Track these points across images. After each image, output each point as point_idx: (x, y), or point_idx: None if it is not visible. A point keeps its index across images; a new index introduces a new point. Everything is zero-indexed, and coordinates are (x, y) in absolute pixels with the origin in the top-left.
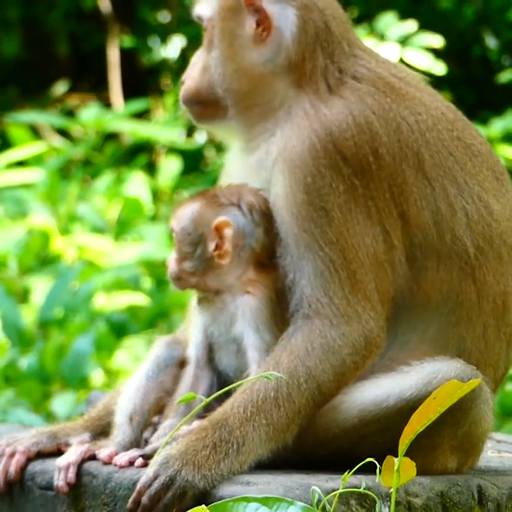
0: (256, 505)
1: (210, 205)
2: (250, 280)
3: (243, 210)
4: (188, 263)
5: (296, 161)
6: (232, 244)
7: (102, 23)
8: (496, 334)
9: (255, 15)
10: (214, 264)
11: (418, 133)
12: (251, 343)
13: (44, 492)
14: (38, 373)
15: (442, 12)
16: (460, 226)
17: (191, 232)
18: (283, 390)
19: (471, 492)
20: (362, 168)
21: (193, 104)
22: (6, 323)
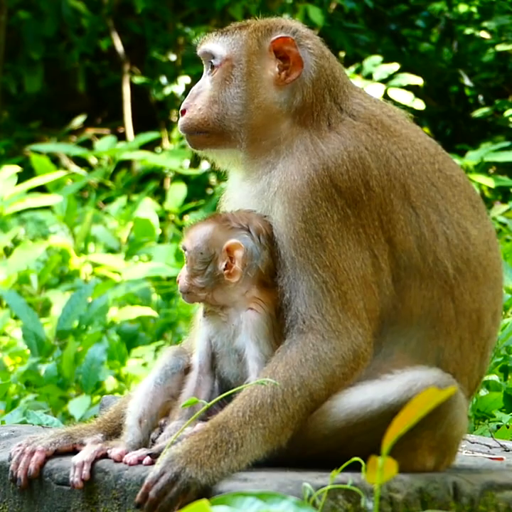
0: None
1: (222, 228)
2: (253, 297)
3: (252, 234)
4: (199, 279)
5: (296, 193)
6: (241, 265)
7: (117, 62)
8: (471, 347)
9: (278, 60)
10: (223, 281)
11: (405, 166)
12: (252, 354)
13: (61, 487)
14: (56, 379)
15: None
16: (441, 249)
17: (204, 252)
18: (278, 397)
19: (447, 488)
20: (354, 199)
21: (196, 133)
22: (27, 333)
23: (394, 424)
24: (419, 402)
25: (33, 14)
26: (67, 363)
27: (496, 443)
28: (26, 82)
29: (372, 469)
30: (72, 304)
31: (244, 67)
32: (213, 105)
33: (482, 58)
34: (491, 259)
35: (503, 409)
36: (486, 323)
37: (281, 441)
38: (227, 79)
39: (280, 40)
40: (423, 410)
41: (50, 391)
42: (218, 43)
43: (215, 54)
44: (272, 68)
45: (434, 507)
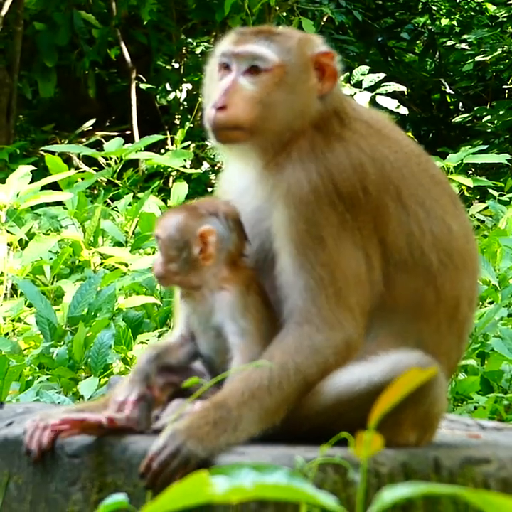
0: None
1: (193, 216)
2: (224, 278)
3: (220, 219)
4: (174, 265)
5: (302, 199)
6: (215, 249)
7: (124, 70)
8: (448, 329)
9: (317, 72)
10: (197, 264)
11: (397, 169)
12: (230, 330)
13: (71, 459)
14: (67, 362)
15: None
16: (428, 244)
17: (178, 239)
18: (275, 381)
19: (428, 462)
20: (353, 203)
21: (232, 129)
22: (41, 319)
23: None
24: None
25: (47, 25)
26: (77, 347)
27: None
28: (40, 88)
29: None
30: (82, 292)
31: (295, 76)
32: (257, 106)
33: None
34: (469, 251)
35: (480, 391)
36: (463, 308)
37: (275, 421)
38: (278, 84)
39: (322, 54)
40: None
41: (61, 373)
42: (270, 48)
43: (266, 58)
44: (313, 79)
45: (417, 479)
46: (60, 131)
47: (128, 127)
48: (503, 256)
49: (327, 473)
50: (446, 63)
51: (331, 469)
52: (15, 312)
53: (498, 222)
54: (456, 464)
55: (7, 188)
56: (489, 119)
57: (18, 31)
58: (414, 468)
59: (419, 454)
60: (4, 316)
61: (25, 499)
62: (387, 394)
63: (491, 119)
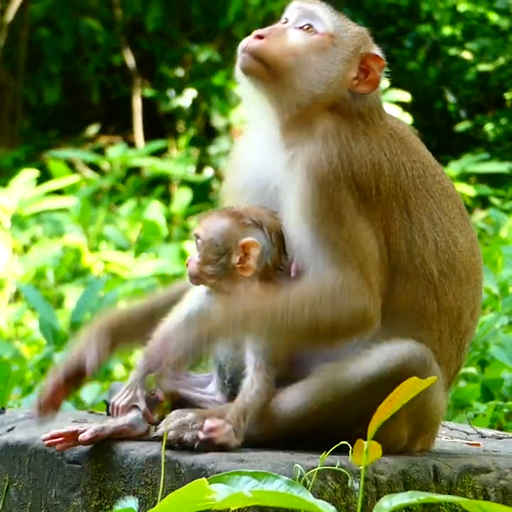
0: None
1: (238, 224)
2: (253, 292)
3: (265, 232)
4: (210, 267)
5: (323, 175)
6: (256, 262)
7: (128, 76)
8: (449, 339)
9: (358, 68)
10: (233, 272)
11: (411, 178)
12: (249, 346)
13: (71, 465)
14: None
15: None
16: (429, 254)
17: (219, 244)
18: (289, 310)
19: (427, 471)
20: (366, 196)
21: (259, 61)
22: (43, 324)
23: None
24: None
25: (52, 31)
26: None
27: (473, 430)
28: (45, 94)
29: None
30: (84, 297)
31: (339, 55)
32: (294, 57)
33: (465, 77)
34: (474, 264)
35: (480, 399)
36: (465, 319)
37: (277, 350)
38: (321, 50)
39: (374, 57)
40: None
41: None
42: (331, 18)
43: (324, 22)
44: (352, 72)
45: (416, 488)
46: (64, 136)
47: (131, 133)
48: (504, 264)
49: (327, 481)
50: (449, 72)
51: (330, 477)
52: (18, 317)
53: (499, 231)
54: (456, 472)
55: (11, 193)
56: (491, 128)
57: (23, 37)
58: (413, 477)
59: (419, 462)
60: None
61: (26, 505)
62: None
63: (493, 128)
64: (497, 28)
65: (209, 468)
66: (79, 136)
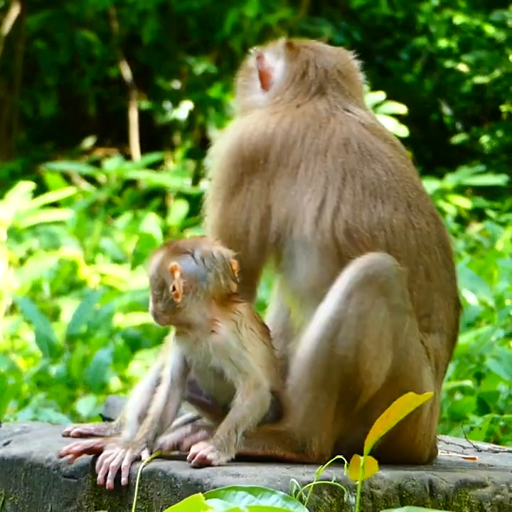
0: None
1: (170, 254)
2: (213, 319)
3: (195, 258)
4: (160, 303)
5: (215, 163)
6: (179, 285)
7: (124, 88)
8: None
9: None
10: (177, 303)
11: (307, 150)
12: (231, 373)
13: (67, 480)
14: (65, 379)
15: (406, 84)
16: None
17: (156, 278)
18: None
19: (423, 485)
20: (253, 167)
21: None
22: (39, 337)
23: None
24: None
25: (48, 44)
26: (75, 364)
27: (469, 444)
28: (42, 106)
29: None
30: (81, 310)
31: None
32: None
33: (461, 89)
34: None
35: (476, 412)
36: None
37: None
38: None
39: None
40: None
41: (59, 390)
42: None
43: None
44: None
45: (412, 503)
46: (60, 148)
47: (128, 146)
48: (500, 277)
49: (323, 496)
50: (445, 84)
51: (326, 492)
52: (14, 329)
53: (495, 243)
54: (452, 487)
55: (7, 206)
56: (487, 140)
57: (19, 49)
58: (409, 492)
59: (415, 477)
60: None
61: None
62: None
63: (489, 140)
64: (493, 40)
65: (205, 482)
66: (75, 148)
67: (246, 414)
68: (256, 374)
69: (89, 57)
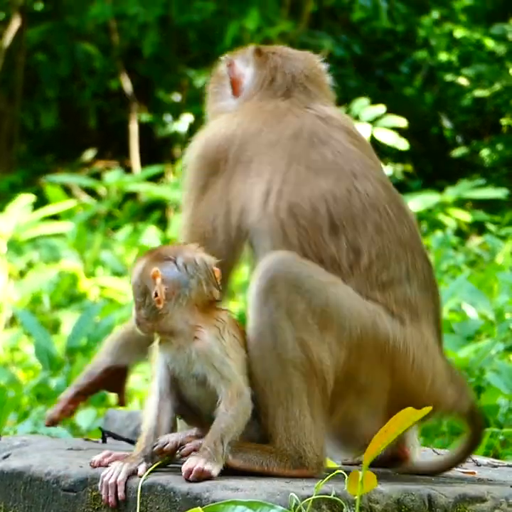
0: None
1: (153, 260)
2: (196, 326)
3: (177, 264)
4: (143, 311)
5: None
6: (161, 291)
7: (125, 101)
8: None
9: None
10: (159, 310)
11: (261, 144)
12: (214, 379)
13: (67, 493)
14: None
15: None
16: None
17: (140, 285)
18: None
19: (422, 500)
20: (215, 169)
21: None
22: (39, 349)
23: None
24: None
25: (49, 56)
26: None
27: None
28: (42, 118)
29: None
30: (81, 323)
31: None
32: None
33: (461, 102)
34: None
35: None
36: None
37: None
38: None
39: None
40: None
41: None
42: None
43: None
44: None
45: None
46: (60, 161)
47: (128, 158)
48: (500, 290)
49: (322, 510)
50: (445, 98)
51: (325, 506)
52: (14, 342)
53: (495, 257)
54: (451, 502)
55: (7, 218)
56: (487, 153)
57: (20, 62)
58: (408, 506)
59: (414, 491)
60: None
61: None
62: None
63: (489, 153)
64: (493, 54)
65: (204, 496)
66: (75, 160)
67: (230, 424)
68: (238, 381)
69: (89, 69)
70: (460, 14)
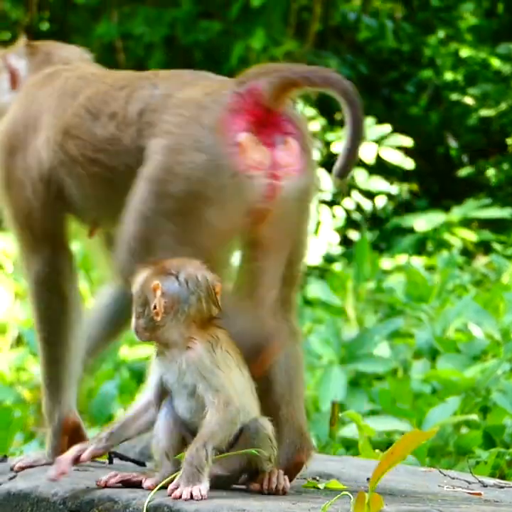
0: None
1: (155, 273)
2: (190, 338)
3: (179, 280)
4: (142, 320)
5: None
6: (159, 303)
7: None
8: None
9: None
10: (156, 322)
11: (36, 109)
12: (202, 388)
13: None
14: None
15: (412, 117)
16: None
17: (140, 295)
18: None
19: None
20: (14, 154)
21: None
22: None
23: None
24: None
25: None
26: (81, 396)
27: (475, 479)
28: None
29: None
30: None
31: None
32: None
33: (467, 122)
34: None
35: (482, 446)
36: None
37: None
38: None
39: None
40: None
41: None
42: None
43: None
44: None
45: None
46: None
47: None
48: (506, 310)
49: None
50: (451, 117)
51: None
52: (20, 361)
53: (501, 277)
54: None
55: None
56: (493, 173)
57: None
58: None
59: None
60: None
61: None
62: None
63: (495, 173)
64: (499, 73)
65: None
66: None
67: (214, 430)
68: (226, 392)
69: None
70: (466, 34)
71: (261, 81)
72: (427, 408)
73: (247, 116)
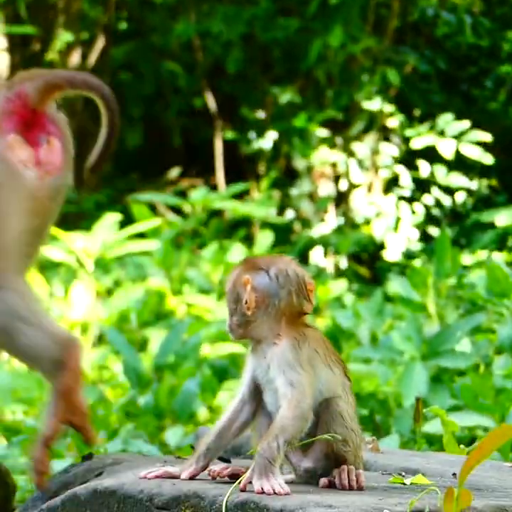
0: None
1: (246, 269)
2: (278, 334)
3: (270, 274)
4: (235, 317)
5: None
6: (250, 298)
7: (209, 119)
8: None
9: None
10: (248, 317)
11: None
12: (280, 382)
13: (160, 511)
14: (154, 410)
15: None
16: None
17: (232, 292)
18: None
19: None
20: None
21: None
22: (127, 367)
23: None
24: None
25: (133, 75)
26: (163, 395)
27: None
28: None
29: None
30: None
31: None
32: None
33: None
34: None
35: None
36: None
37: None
38: None
39: None
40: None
41: (147, 421)
42: None
43: None
44: None
45: None
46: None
47: (213, 176)
48: None
49: None
50: None
51: None
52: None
53: None
54: None
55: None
56: None
57: (105, 81)
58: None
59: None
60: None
61: None
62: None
63: None
64: None
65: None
66: (160, 179)
67: (285, 424)
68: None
69: (174, 88)
70: None
71: (27, 85)
72: (509, 403)
73: (15, 118)
